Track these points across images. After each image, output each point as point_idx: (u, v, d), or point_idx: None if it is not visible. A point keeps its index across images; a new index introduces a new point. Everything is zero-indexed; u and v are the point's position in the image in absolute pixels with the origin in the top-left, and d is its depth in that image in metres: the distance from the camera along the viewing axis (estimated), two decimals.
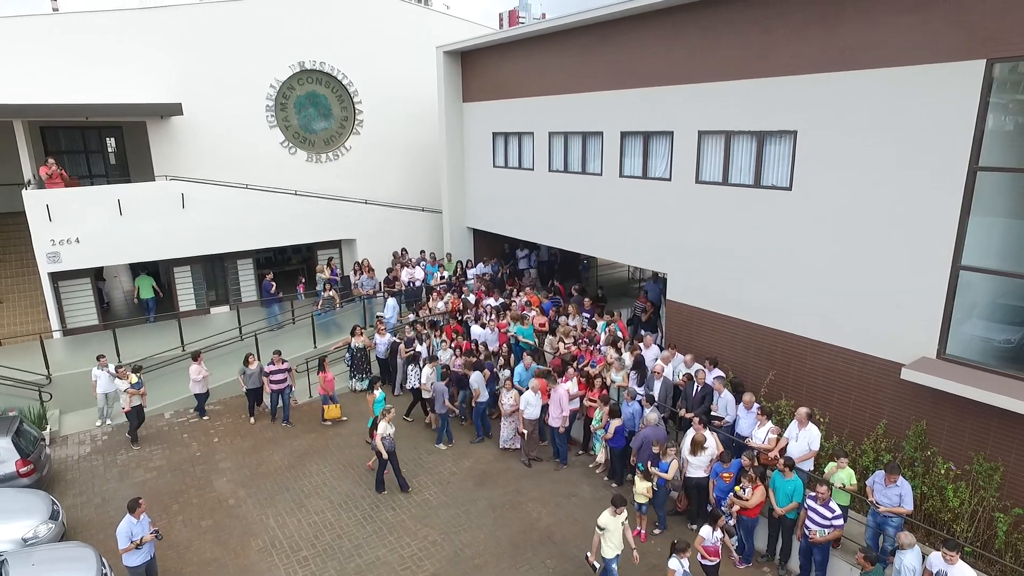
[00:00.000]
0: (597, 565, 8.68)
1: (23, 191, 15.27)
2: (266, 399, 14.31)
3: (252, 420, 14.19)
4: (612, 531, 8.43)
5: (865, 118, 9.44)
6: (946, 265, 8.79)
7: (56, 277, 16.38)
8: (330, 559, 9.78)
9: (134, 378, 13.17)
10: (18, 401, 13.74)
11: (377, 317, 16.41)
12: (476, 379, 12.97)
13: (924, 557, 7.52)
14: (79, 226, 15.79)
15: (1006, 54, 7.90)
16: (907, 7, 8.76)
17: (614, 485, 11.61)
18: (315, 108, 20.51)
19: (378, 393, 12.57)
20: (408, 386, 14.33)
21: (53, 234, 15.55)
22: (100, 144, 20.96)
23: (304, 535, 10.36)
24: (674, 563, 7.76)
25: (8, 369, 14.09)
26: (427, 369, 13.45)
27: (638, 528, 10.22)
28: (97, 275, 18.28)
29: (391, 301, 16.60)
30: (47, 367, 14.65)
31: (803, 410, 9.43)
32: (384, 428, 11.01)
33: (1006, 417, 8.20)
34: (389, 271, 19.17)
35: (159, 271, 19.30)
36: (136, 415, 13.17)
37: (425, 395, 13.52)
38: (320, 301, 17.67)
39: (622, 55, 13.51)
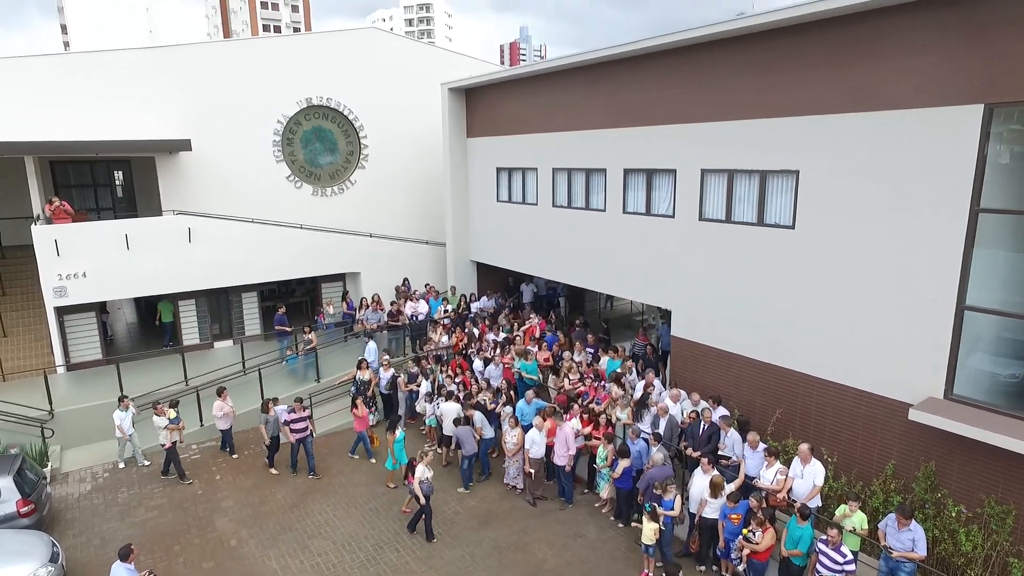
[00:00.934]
0: None
1: (32, 226, 15.42)
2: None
3: (274, 471, 13.52)
4: None
5: (867, 159, 9.57)
6: (951, 306, 8.82)
7: (61, 311, 16.44)
8: None
9: (172, 413, 13.14)
10: (20, 437, 13.66)
11: (360, 360, 16.24)
12: (479, 419, 12.90)
13: None
14: (86, 260, 15.90)
15: (1003, 99, 8.04)
16: (909, 52, 8.95)
17: (620, 525, 11.48)
18: (321, 143, 20.79)
19: (398, 433, 12.38)
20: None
21: (60, 269, 15.65)
22: (108, 178, 21.22)
23: None
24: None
25: (10, 405, 14.05)
26: (451, 405, 13.30)
27: (646, 571, 10.08)
28: (101, 308, 18.34)
29: (371, 345, 16.35)
30: (50, 402, 14.62)
31: (805, 446, 9.40)
32: (422, 472, 10.79)
33: (1015, 459, 8.14)
34: (393, 303, 19.20)
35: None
36: (174, 451, 13.08)
37: (446, 432, 13.37)
38: (297, 344, 17.13)
39: (624, 94, 13.75)
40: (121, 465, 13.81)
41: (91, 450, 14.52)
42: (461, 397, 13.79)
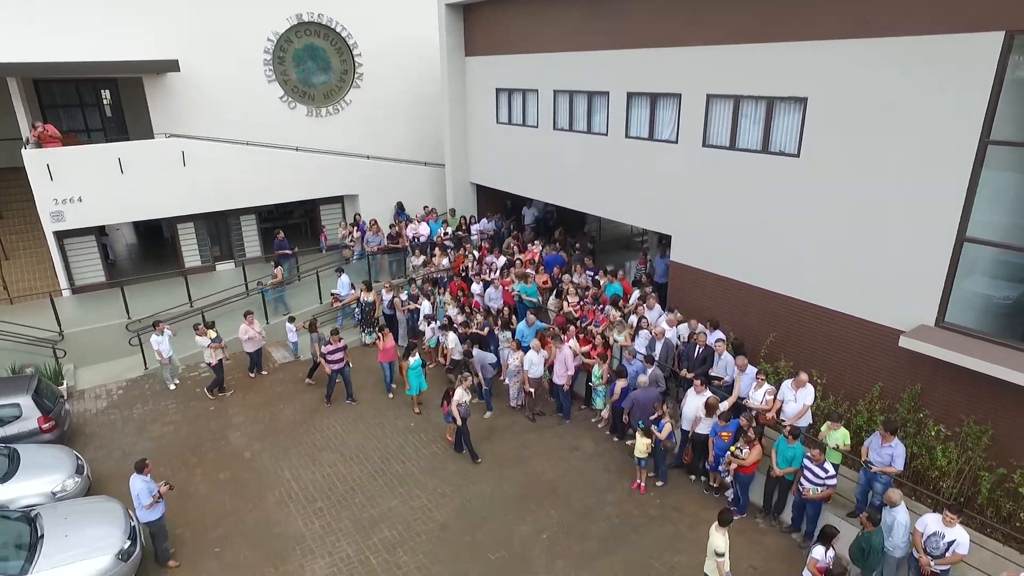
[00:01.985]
0: None
1: (23, 151, 15.15)
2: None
3: (310, 381, 14.20)
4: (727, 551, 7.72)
5: (877, 87, 9.37)
6: (951, 237, 8.92)
7: (61, 235, 16.42)
8: (344, 509, 10.25)
9: (213, 333, 13.47)
10: (33, 358, 14.02)
11: (332, 294, 16.35)
12: (479, 356, 13.17)
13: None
14: (81, 185, 15.74)
15: None
16: None
17: (615, 439, 12.06)
18: (314, 61, 20.09)
19: (413, 360, 12.49)
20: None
21: (56, 193, 15.52)
22: (96, 98, 20.58)
23: (318, 487, 10.82)
24: (819, 552, 7.51)
25: (21, 327, 14.34)
26: (452, 336, 13.55)
27: (637, 481, 10.70)
28: (100, 231, 18.31)
29: (344, 278, 16.16)
30: (59, 324, 14.91)
31: (804, 375, 9.73)
32: (460, 395, 10.98)
33: (997, 383, 8.48)
34: (391, 226, 19.19)
35: (162, 227, 19.31)
36: (220, 367, 13.55)
37: (456, 356, 13.59)
38: (274, 276, 16.76)
39: (629, 14, 13.22)
40: (172, 387, 14.10)
41: (103, 369, 14.94)
42: (459, 324, 14.07)
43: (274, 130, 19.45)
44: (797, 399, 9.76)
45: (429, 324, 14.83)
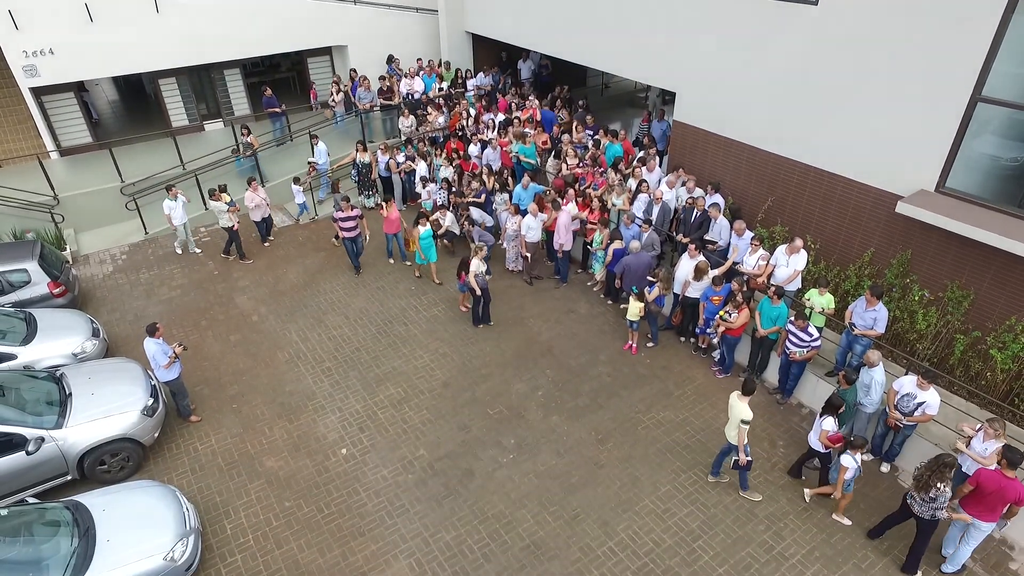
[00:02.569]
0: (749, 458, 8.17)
1: None
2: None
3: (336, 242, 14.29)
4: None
5: None
6: (964, 97, 8.50)
7: (38, 92, 15.69)
8: (351, 369, 10.87)
9: (228, 197, 13.35)
10: (31, 223, 14.07)
11: (309, 163, 15.77)
12: (479, 216, 13.12)
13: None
14: (50, 35, 14.73)
15: None
16: None
17: (609, 302, 12.45)
18: None
19: (423, 229, 12.29)
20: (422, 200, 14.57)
21: (24, 45, 14.57)
22: None
23: (325, 348, 11.38)
24: (847, 459, 7.56)
25: (15, 191, 14.21)
26: (449, 217, 13.34)
27: (630, 343, 11.21)
28: (80, 86, 17.44)
29: (320, 146, 15.54)
30: (52, 188, 14.76)
31: (799, 241, 9.79)
32: (477, 265, 11.04)
33: (988, 249, 8.55)
34: (381, 79, 18.15)
35: (143, 83, 18.39)
36: (237, 232, 13.61)
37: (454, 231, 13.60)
38: (240, 147, 16.03)
39: None
40: (179, 252, 14.16)
41: (104, 233, 15.04)
42: (451, 193, 13.91)
43: None
44: (789, 264, 9.91)
45: (425, 187, 14.65)
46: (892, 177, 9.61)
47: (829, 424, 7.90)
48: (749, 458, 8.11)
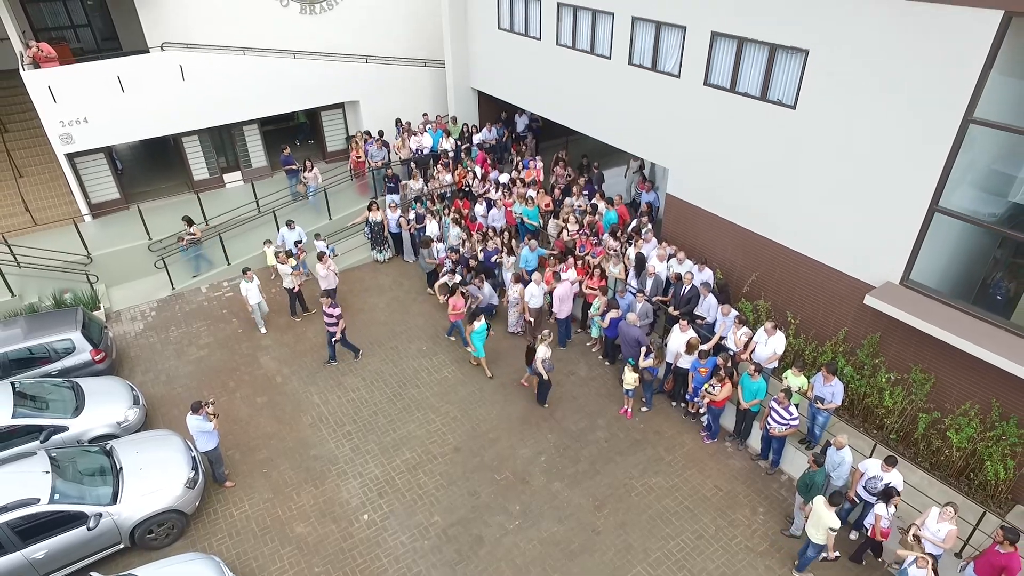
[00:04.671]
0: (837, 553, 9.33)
1: (22, 72, 15.01)
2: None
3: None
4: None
5: (877, 50, 9.41)
6: (924, 204, 9.49)
7: (71, 156, 16.71)
8: (369, 433, 11.84)
9: (293, 262, 14.35)
10: (68, 284, 15.05)
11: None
12: (488, 292, 14.10)
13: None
14: (84, 105, 15.77)
15: None
16: None
17: (606, 364, 13.43)
18: None
19: (478, 325, 12.46)
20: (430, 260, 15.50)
21: (61, 115, 15.61)
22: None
23: (345, 411, 12.36)
24: (881, 508, 8.43)
25: (52, 252, 15.21)
26: (456, 277, 14.29)
27: (625, 407, 12.19)
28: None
29: (286, 232, 15.59)
30: (85, 247, 15.77)
31: (770, 324, 10.80)
32: (543, 352, 11.56)
33: (945, 343, 9.54)
34: (384, 144, 18.91)
35: (168, 140, 19.37)
36: (300, 293, 14.62)
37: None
38: (191, 234, 15.94)
39: None
40: (262, 331, 14.47)
41: (133, 288, 16.03)
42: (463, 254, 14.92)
43: (267, 30, 18.80)
44: (768, 344, 10.90)
45: (432, 245, 15.60)
46: (862, 266, 10.61)
47: (881, 509, 8.49)
48: (837, 553, 9.26)
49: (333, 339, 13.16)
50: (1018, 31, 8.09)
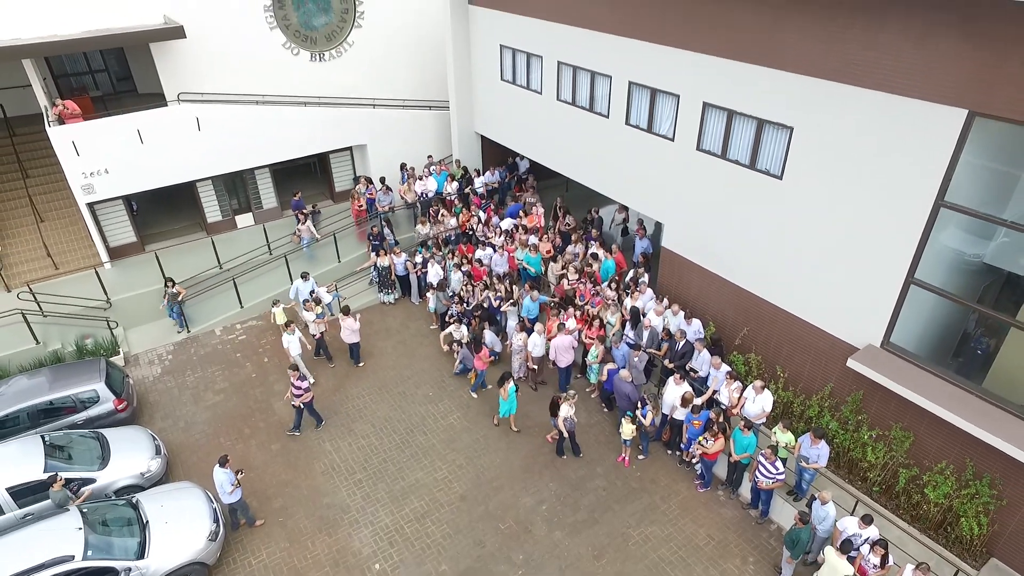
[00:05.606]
0: None
1: (48, 128, 15.74)
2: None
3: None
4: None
5: (855, 131, 10.10)
6: (902, 276, 10.15)
7: (92, 204, 17.41)
8: (380, 481, 12.44)
9: (319, 309, 14.97)
10: (87, 328, 15.71)
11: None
12: (491, 339, 14.75)
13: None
14: (106, 157, 16.50)
15: (986, 111, 8.52)
16: (906, 42, 9.07)
17: (605, 410, 14.04)
18: (314, 3, 19.68)
19: (510, 386, 12.77)
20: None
21: (84, 168, 16.34)
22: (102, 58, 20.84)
23: (356, 459, 12.96)
24: (865, 548, 9.22)
25: (73, 299, 15.88)
26: (463, 329, 14.94)
27: (623, 455, 12.80)
28: None
29: (300, 284, 15.78)
30: (105, 293, 16.44)
31: (759, 382, 11.44)
32: (566, 411, 12.09)
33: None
34: (387, 188, 19.64)
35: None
36: (323, 340, 15.13)
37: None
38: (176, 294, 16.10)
39: (637, 5, 13.27)
40: (311, 381, 14.36)
41: (150, 331, 16.69)
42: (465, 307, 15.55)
43: (279, 78, 19.62)
44: (756, 401, 11.53)
45: (433, 292, 16.27)
46: (846, 327, 11.25)
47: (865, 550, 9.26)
48: None
49: (300, 406, 13.11)
50: (984, 125, 8.78)
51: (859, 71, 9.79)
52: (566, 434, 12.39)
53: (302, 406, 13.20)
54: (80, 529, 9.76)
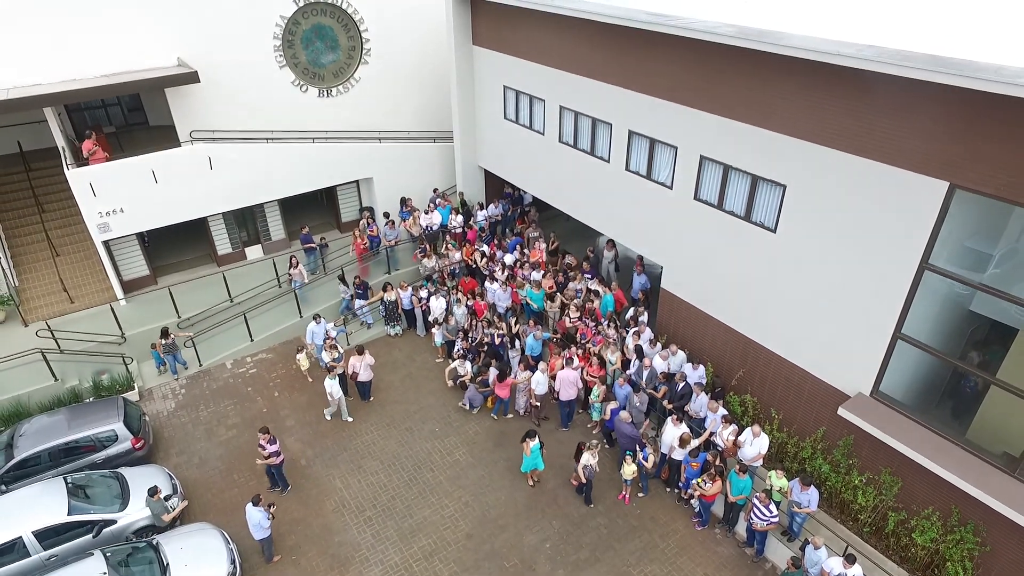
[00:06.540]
0: None
1: (67, 171, 16.26)
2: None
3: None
4: None
5: (844, 194, 10.62)
6: (889, 330, 10.66)
7: (107, 241, 17.92)
8: (389, 519, 12.89)
9: (336, 352, 15.44)
10: (103, 364, 16.16)
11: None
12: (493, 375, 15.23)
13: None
14: (121, 197, 17.00)
15: (966, 185, 9.05)
16: (892, 115, 9.62)
17: (606, 446, 14.50)
18: (322, 41, 20.25)
19: (534, 444, 12.85)
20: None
21: (100, 207, 16.83)
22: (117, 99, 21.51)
23: (366, 496, 13.40)
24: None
25: (88, 335, 16.34)
26: (467, 364, 15.49)
27: (623, 493, 13.26)
28: None
29: (314, 327, 16.21)
30: (120, 328, 16.91)
31: (756, 427, 11.93)
32: (587, 459, 12.44)
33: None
34: (390, 221, 20.14)
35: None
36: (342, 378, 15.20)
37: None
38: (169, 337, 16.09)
39: (635, 59, 13.82)
40: (349, 419, 15.30)
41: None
42: (469, 348, 16.04)
43: (287, 115, 20.14)
44: (753, 444, 12.02)
45: (438, 327, 16.76)
46: (838, 375, 11.75)
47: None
48: None
49: (270, 468, 13.24)
50: (965, 196, 9.31)
51: (842, 138, 10.33)
52: (584, 480, 12.75)
53: (272, 468, 13.13)
54: (104, 573, 10.21)
